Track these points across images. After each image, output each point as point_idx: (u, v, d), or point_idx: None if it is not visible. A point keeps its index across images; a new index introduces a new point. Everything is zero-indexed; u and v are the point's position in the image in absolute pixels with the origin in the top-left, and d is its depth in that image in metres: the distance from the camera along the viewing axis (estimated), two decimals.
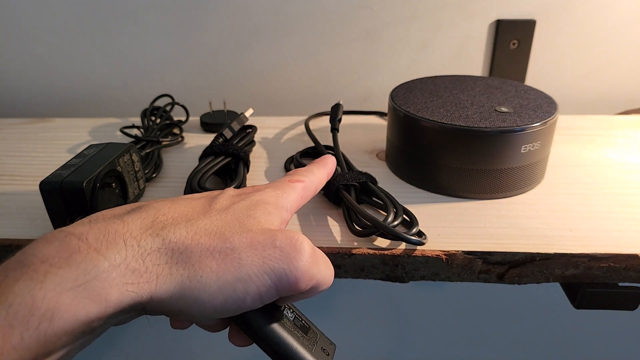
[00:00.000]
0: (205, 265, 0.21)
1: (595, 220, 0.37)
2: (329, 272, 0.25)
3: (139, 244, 0.21)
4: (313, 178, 0.31)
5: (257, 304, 0.23)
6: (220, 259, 0.22)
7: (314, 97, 0.65)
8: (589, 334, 0.80)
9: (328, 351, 0.27)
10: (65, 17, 0.60)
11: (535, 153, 0.39)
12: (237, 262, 0.22)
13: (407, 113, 0.41)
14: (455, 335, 0.82)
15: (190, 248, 0.22)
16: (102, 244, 0.20)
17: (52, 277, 0.19)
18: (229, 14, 0.59)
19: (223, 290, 0.21)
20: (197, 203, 0.25)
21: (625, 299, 0.35)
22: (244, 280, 0.22)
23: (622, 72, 0.62)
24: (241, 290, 0.22)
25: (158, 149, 0.47)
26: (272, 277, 0.22)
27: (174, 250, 0.22)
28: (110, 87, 0.65)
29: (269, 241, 0.23)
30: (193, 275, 0.21)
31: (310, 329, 0.27)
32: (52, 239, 0.20)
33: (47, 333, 0.18)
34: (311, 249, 0.24)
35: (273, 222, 0.25)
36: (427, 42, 0.61)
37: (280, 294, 0.23)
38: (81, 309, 0.19)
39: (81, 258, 0.20)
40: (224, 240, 0.23)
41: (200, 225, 0.23)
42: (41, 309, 0.18)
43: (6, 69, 0.64)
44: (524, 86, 0.46)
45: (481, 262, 0.34)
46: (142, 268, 0.20)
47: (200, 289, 0.21)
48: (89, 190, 0.33)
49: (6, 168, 0.48)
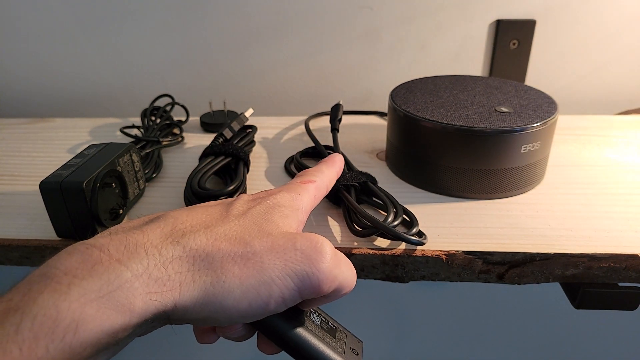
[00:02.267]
0: (227, 270, 0.22)
1: (595, 220, 0.37)
2: (351, 274, 0.25)
3: (160, 252, 0.21)
4: (324, 177, 0.31)
5: (281, 307, 0.23)
6: (242, 263, 0.22)
7: (314, 97, 0.65)
8: (589, 334, 0.80)
9: (357, 350, 0.27)
10: (65, 17, 0.60)
11: (535, 153, 0.39)
12: (259, 266, 0.22)
13: (407, 113, 0.41)
14: (455, 335, 0.82)
15: (211, 254, 0.22)
16: (123, 254, 0.20)
17: (75, 288, 0.19)
18: (229, 14, 0.59)
19: (247, 294, 0.21)
20: (214, 210, 0.26)
21: (625, 299, 0.35)
22: (267, 283, 0.22)
23: (622, 72, 0.62)
24: (265, 294, 0.22)
25: (158, 149, 0.47)
26: (295, 280, 0.22)
27: (196, 257, 0.22)
28: (110, 87, 0.64)
29: (290, 244, 0.23)
30: (216, 281, 0.21)
31: (337, 330, 0.27)
32: (73, 251, 0.21)
33: (72, 344, 0.18)
34: (332, 250, 0.24)
35: (291, 224, 0.25)
36: (427, 42, 0.61)
37: (304, 297, 0.23)
38: (105, 319, 0.18)
39: (104, 269, 0.20)
40: (244, 245, 0.23)
41: (219, 232, 0.23)
42: (66, 320, 0.18)
43: (6, 69, 0.64)
44: (524, 86, 0.46)
45: (481, 262, 0.34)
46: (165, 276, 0.20)
47: (224, 294, 0.21)
48: (89, 191, 0.33)
49: (6, 168, 0.48)
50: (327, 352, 0.25)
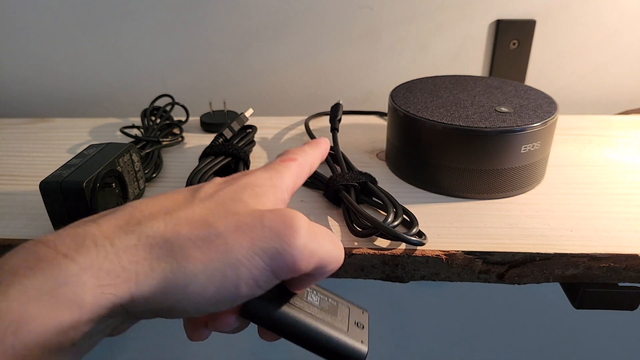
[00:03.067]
0: (189, 255, 0.20)
1: (595, 220, 0.37)
2: (332, 247, 0.23)
3: (112, 243, 0.20)
4: (306, 157, 0.29)
5: (256, 290, 0.21)
6: (205, 246, 0.20)
7: (314, 97, 0.65)
8: (589, 334, 0.80)
9: (362, 323, 0.26)
10: (65, 17, 0.60)
11: (535, 153, 0.39)
12: (223, 248, 0.20)
13: (407, 113, 0.41)
14: (455, 335, 0.82)
15: (171, 240, 0.20)
16: (70, 248, 0.19)
17: (16, 286, 0.18)
18: (229, 14, 0.59)
19: (213, 279, 0.20)
20: (179, 195, 0.24)
21: (625, 299, 0.35)
22: (234, 265, 0.20)
23: (622, 72, 0.62)
24: (233, 277, 0.20)
25: (158, 149, 0.47)
26: (265, 259, 0.21)
27: (153, 245, 0.20)
28: (110, 87, 0.64)
29: (257, 221, 0.21)
30: (177, 268, 0.20)
31: (339, 306, 0.26)
32: (20, 249, 0.20)
33: (14, 346, 0.17)
34: (307, 224, 0.22)
35: (265, 203, 0.23)
36: (427, 42, 0.61)
37: (280, 277, 0.21)
38: (51, 317, 0.17)
39: (48, 265, 0.18)
40: (207, 227, 0.21)
41: (181, 216, 0.22)
42: (5, 321, 0.17)
43: (6, 69, 0.64)
44: (524, 86, 0.46)
45: (481, 262, 0.34)
46: (118, 267, 0.19)
47: (186, 280, 0.20)
48: (89, 191, 0.33)
49: (6, 168, 0.48)
50: (328, 334, 0.24)
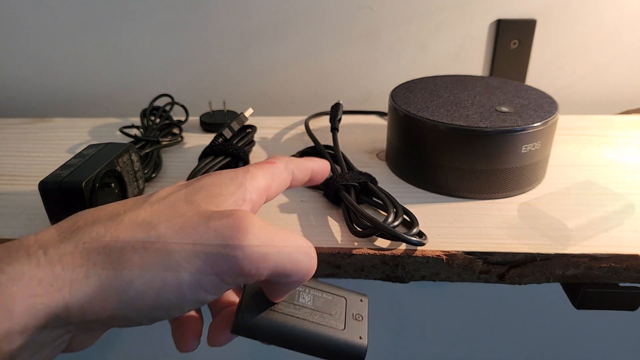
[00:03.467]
0: (126, 260, 0.19)
1: (595, 220, 0.37)
2: (296, 253, 0.21)
3: (46, 252, 0.19)
4: (289, 163, 0.27)
5: (204, 295, 0.20)
6: (143, 250, 0.19)
7: (314, 97, 0.64)
8: (589, 334, 0.80)
9: (360, 314, 0.25)
10: (65, 17, 0.60)
11: (535, 153, 0.39)
12: (163, 251, 0.19)
13: (407, 113, 0.41)
14: (455, 336, 0.82)
15: (109, 245, 0.20)
16: (1, 260, 0.19)
17: None
18: (229, 14, 0.59)
19: (152, 284, 0.19)
20: (133, 200, 0.23)
21: (625, 299, 0.35)
22: (174, 269, 0.19)
23: (622, 72, 0.62)
24: (173, 282, 0.19)
25: (158, 148, 0.47)
26: (208, 262, 0.19)
27: (90, 251, 0.19)
28: (110, 87, 0.64)
29: (202, 222, 0.20)
30: (113, 274, 0.19)
31: (334, 301, 0.24)
32: None
33: None
34: (260, 226, 0.20)
35: (219, 204, 0.22)
36: (427, 42, 0.61)
37: (228, 281, 0.20)
38: None
39: None
40: (148, 229, 0.20)
41: (123, 220, 0.21)
42: None
43: (6, 69, 0.64)
44: (524, 86, 0.46)
45: (481, 262, 0.34)
46: (51, 277, 0.19)
47: (122, 286, 0.19)
48: (88, 191, 0.33)
49: (6, 168, 0.48)
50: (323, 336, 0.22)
